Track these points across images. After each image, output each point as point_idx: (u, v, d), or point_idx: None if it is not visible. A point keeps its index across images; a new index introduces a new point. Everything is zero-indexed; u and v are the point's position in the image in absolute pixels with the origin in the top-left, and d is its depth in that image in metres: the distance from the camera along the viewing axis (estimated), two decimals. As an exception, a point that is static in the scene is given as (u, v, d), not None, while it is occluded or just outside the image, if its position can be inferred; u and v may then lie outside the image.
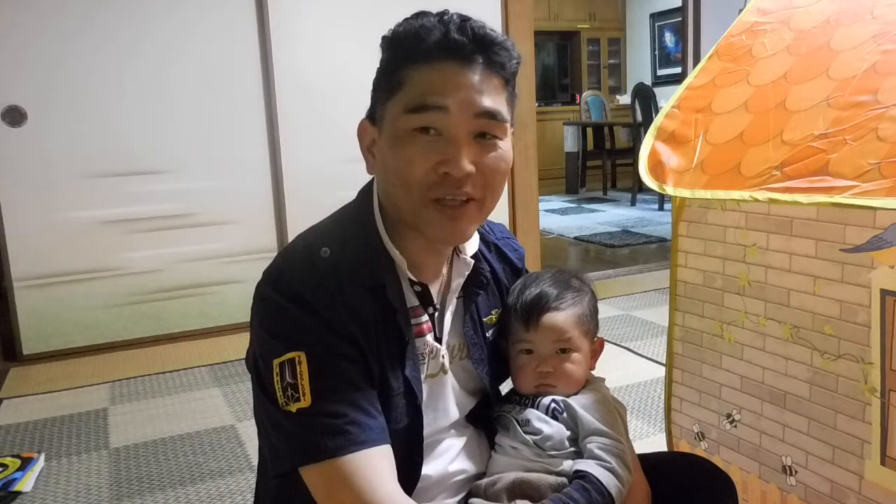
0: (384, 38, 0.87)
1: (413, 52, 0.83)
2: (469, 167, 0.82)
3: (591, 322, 1.05)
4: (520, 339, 1.02)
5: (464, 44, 0.82)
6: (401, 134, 0.83)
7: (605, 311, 1.10)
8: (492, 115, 0.84)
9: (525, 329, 1.01)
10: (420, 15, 0.86)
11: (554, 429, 0.97)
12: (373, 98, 0.90)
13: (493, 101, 0.84)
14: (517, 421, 1.00)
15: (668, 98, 1.35)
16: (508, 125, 0.87)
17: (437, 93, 0.81)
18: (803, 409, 1.18)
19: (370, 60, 0.93)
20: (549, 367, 1.00)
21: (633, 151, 6.80)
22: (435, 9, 0.87)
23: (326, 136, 3.24)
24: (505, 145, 0.87)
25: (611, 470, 0.92)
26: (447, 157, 0.82)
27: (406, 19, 0.86)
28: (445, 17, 0.84)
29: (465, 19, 0.84)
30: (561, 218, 6.20)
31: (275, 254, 0.91)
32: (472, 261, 0.97)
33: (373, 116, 0.90)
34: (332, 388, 0.81)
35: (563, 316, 1.01)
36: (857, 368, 1.09)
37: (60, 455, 2.08)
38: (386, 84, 0.86)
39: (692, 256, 1.38)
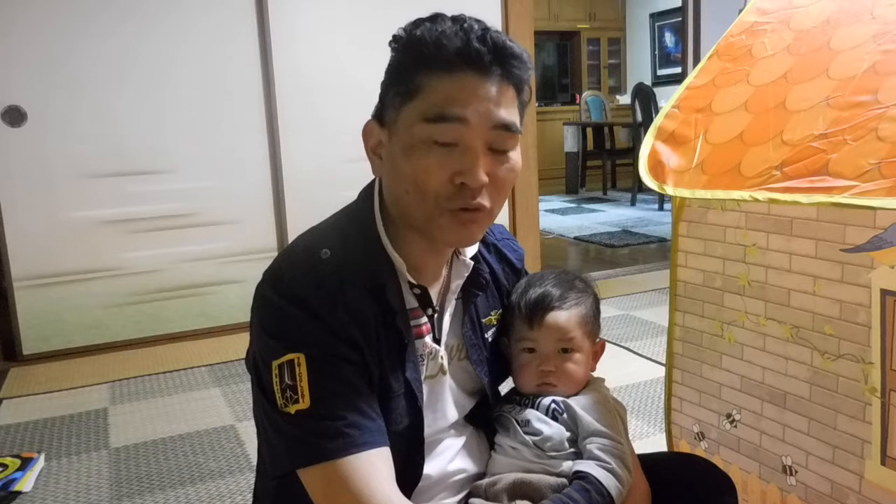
0: (398, 38, 0.85)
1: (432, 59, 0.81)
2: (485, 178, 0.82)
3: (593, 323, 1.05)
4: (522, 338, 1.02)
5: (483, 53, 0.81)
6: (416, 142, 0.82)
7: (605, 311, 1.10)
8: (507, 127, 0.83)
9: (528, 327, 1.01)
10: (437, 19, 0.84)
11: (554, 430, 0.97)
12: (382, 99, 0.88)
13: (508, 112, 0.83)
14: (517, 421, 1.00)
15: (668, 98, 1.35)
16: (520, 135, 0.87)
17: (456, 104, 0.80)
18: (803, 409, 1.18)
19: (370, 60, 0.93)
20: (550, 367, 1.01)
21: (633, 151, 6.80)
22: (436, 10, 0.86)
23: (326, 136, 3.24)
24: (515, 156, 0.86)
25: (611, 471, 0.92)
26: (463, 168, 0.81)
27: (422, 21, 0.84)
28: (466, 25, 0.82)
29: (485, 28, 0.82)
30: (561, 218, 6.20)
31: (275, 254, 0.91)
32: (472, 262, 0.97)
33: (381, 118, 0.88)
34: (331, 390, 0.81)
35: (566, 315, 1.01)
36: (857, 368, 1.09)
37: (60, 455, 2.08)
38: (401, 88, 0.84)
39: (692, 256, 1.38)
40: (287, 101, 3.19)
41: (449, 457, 0.98)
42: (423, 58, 0.82)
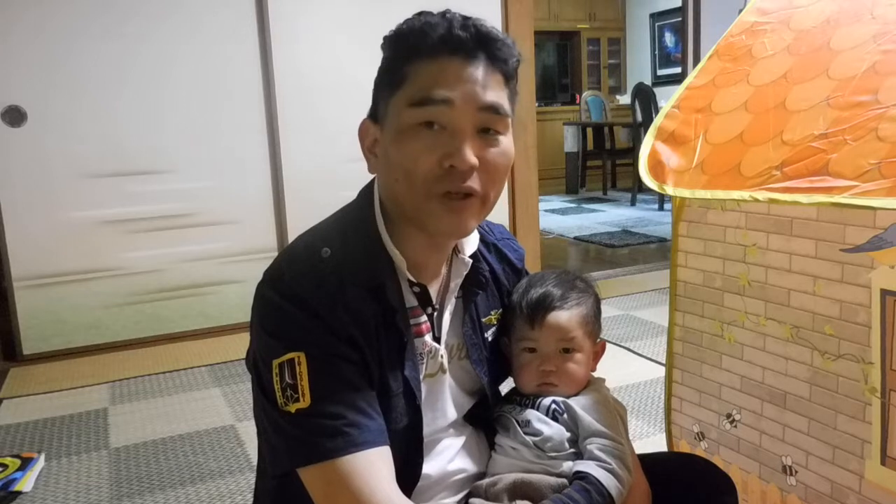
0: (386, 37, 0.87)
1: (417, 48, 0.83)
2: (473, 159, 0.82)
3: (594, 323, 1.05)
4: (523, 338, 1.02)
5: (466, 39, 0.82)
6: (404, 128, 0.83)
7: (605, 311, 1.10)
8: (495, 109, 0.84)
9: (529, 327, 1.01)
10: (422, 14, 0.86)
11: (554, 430, 0.97)
12: (374, 97, 0.90)
13: (496, 95, 0.84)
14: (517, 422, 1.00)
15: (668, 98, 1.35)
16: (510, 119, 0.87)
17: (441, 86, 0.81)
18: (803, 409, 1.18)
19: (370, 61, 0.93)
20: (551, 367, 1.01)
21: (633, 151, 6.80)
22: (435, 9, 0.88)
23: (326, 136, 3.24)
24: (506, 140, 0.87)
25: (611, 471, 0.92)
26: (451, 150, 0.82)
27: (408, 19, 0.86)
28: (448, 15, 0.84)
29: (466, 17, 0.84)
30: (561, 218, 6.20)
31: (275, 254, 0.92)
32: (471, 261, 0.97)
33: (375, 115, 0.89)
34: (332, 389, 0.81)
35: (567, 315, 1.01)
36: (857, 368, 1.09)
37: (60, 455, 2.08)
38: (389, 81, 0.86)
39: (692, 256, 1.38)
40: (287, 101, 3.19)
41: (449, 456, 0.98)
42: (408, 49, 0.84)
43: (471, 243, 0.98)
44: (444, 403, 0.97)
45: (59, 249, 2.93)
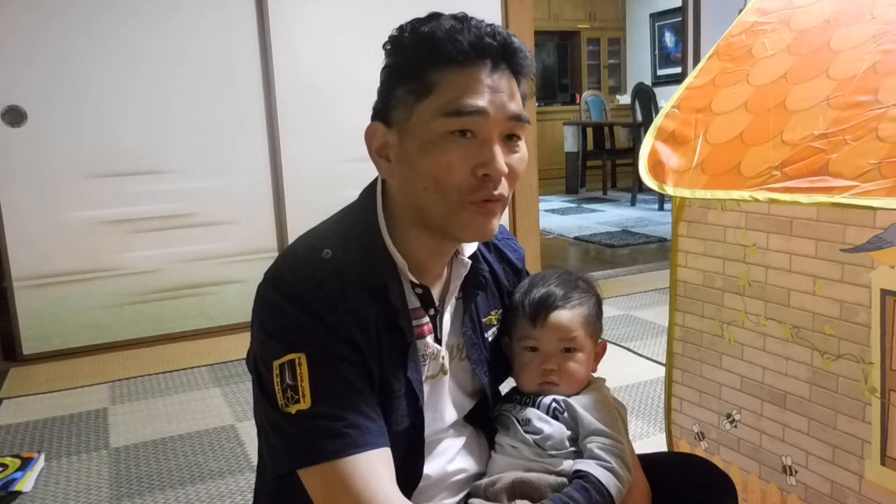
0: (401, 39, 0.86)
1: (445, 55, 0.82)
2: (505, 168, 0.84)
3: (595, 323, 1.05)
4: (525, 337, 1.02)
5: (494, 48, 0.83)
6: (435, 138, 0.82)
7: (605, 310, 1.10)
8: (519, 118, 0.85)
9: (531, 326, 1.01)
10: (440, 17, 0.85)
11: (554, 428, 0.97)
12: (385, 100, 0.87)
13: (517, 103, 0.85)
14: (518, 420, 1.00)
15: (668, 98, 1.35)
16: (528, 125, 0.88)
17: (474, 95, 0.81)
18: (803, 409, 1.18)
19: (370, 60, 0.93)
20: (553, 366, 1.01)
21: (633, 151, 6.80)
22: (435, 9, 0.87)
23: (326, 136, 3.24)
24: (523, 145, 0.88)
25: (611, 470, 0.92)
26: (485, 160, 0.82)
27: (423, 21, 0.85)
28: (473, 22, 0.84)
29: (490, 24, 0.84)
30: (561, 218, 6.20)
31: (275, 254, 0.92)
32: (469, 261, 0.97)
33: (386, 118, 0.87)
34: (332, 390, 0.81)
35: (569, 315, 1.01)
36: (857, 368, 1.09)
37: (60, 455, 2.08)
38: (413, 86, 0.83)
39: (692, 256, 1.38)
40: (287, 101, 3.19)
41: (449, 457, 0.98)
42: (436, 54, 0.82)
43: (470, 244, 0.98)
44: (443, 404, 0.97)
45: (59, 250, 2.93)
